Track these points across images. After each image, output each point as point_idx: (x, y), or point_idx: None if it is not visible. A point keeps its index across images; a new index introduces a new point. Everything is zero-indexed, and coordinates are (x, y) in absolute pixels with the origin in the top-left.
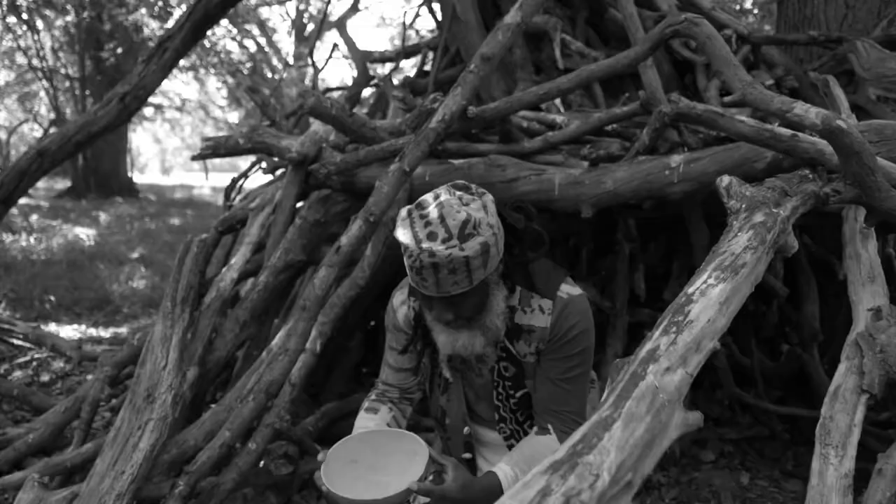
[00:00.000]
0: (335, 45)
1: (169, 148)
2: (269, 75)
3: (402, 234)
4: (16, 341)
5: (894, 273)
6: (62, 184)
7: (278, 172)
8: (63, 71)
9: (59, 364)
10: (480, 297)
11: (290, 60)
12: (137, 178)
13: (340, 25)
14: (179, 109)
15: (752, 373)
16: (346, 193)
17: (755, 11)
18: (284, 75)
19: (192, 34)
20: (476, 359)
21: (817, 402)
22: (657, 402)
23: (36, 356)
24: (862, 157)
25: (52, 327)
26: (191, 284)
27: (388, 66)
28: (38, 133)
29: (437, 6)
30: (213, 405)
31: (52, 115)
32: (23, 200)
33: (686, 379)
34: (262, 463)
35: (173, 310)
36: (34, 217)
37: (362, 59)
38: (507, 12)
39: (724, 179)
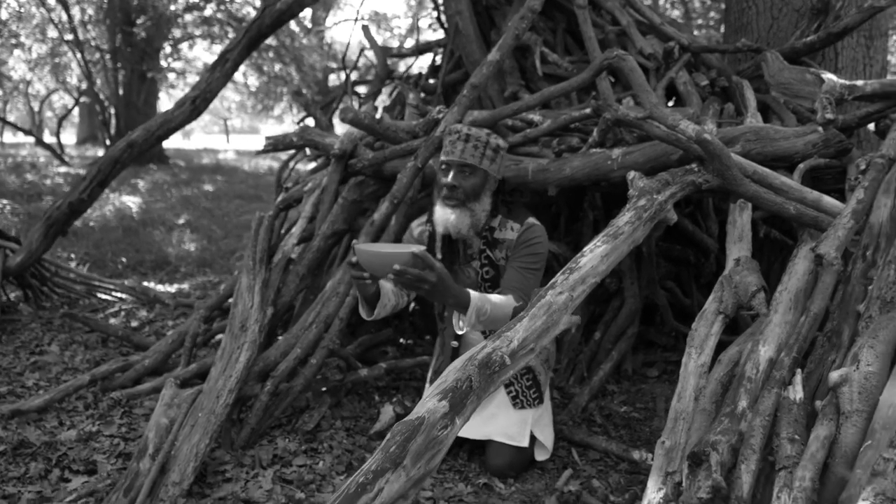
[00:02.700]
0: (362, 49)
1: None
2: (289, 42)
3: (454, 125)
4: (102, 295)
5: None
6: (92, 151)
7: (320, 160)
8: (94, 44)
9: (143, 313)
10: (478, 183)
11: (309, 25)
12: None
13: (365, 28)
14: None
15: (693, 311)
16: (375, 179)
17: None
18: (304, 41)
19: (247, 47)
20: (463, 246)
21: (738, 332)
22: (551, 309)
23: (123, 307)
24: (721, 158)
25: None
26: (264, 248)
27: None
28: (69, 102)
29: (444, 17)
30: (279, 336)
31: (83, 86)
32: (62, 169)
33: (569, 297)
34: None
35: (254, 267)
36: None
37: (383, 55)
38: (500, 25)
39: (631, 174)
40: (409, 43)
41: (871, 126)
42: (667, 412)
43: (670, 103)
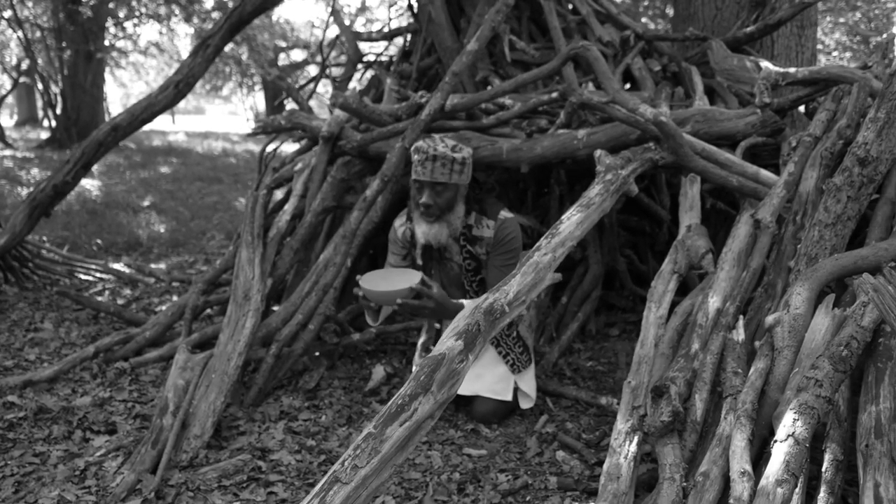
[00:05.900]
0: (338, 36)
1: (134, 92)
2: None
3: (420, 143)
4: (82, 275)
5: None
6: (34, 133)
7: (303, 142)
8: (34, 22)
9: (127, 291)
10: (451, 196)
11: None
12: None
13: (336, 13)
14: (143, 53)
15: (648, 276)
16: (361, 159)
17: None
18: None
19: (228, 33)
20: (443, 249)
21: (686, 293)
22: (538, 267)
23: (107, 286)
24: (675, 138)
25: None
26: (260, 224)
27: (372, 45)
28: (5, 83)
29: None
30: (273, 308)
31: (23, 66)
32: (7, 152)
33: (552, 257)
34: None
35: (253, 241)
36: (35, 170)
37: (353, 40)
38: (469, 13)
39: (598, 152)
40: (360, 22)
41: (802, 108)
42: (628, 365)
43: (626, 87)
